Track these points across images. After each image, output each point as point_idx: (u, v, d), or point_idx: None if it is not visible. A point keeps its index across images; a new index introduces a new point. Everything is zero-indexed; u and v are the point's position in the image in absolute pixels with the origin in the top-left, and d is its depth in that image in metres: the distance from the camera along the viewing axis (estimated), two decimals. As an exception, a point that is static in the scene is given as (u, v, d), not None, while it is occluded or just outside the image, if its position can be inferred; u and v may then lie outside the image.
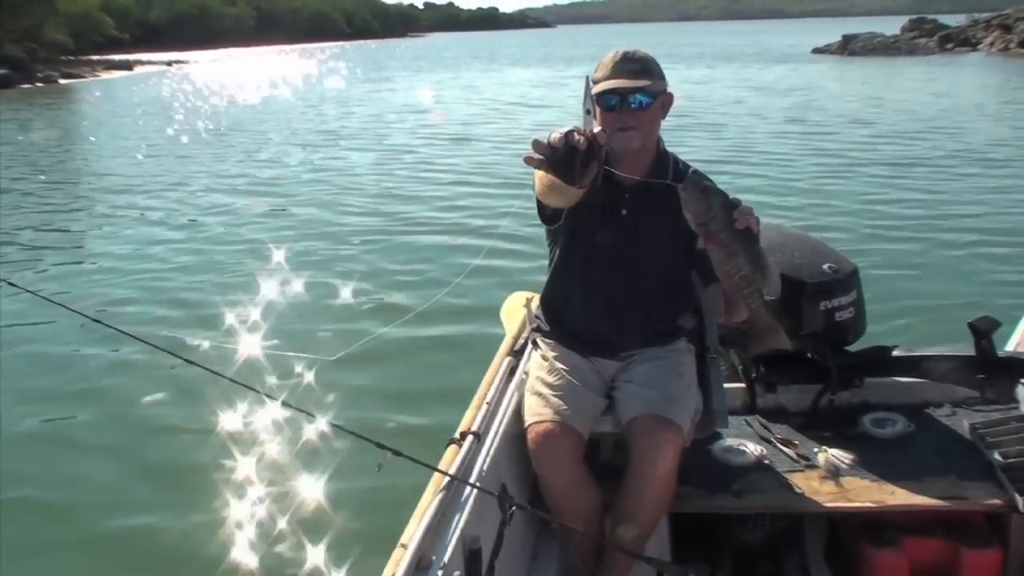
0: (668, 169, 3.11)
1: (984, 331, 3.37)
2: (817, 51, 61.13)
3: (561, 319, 3.30)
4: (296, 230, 12.93)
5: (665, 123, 3.07)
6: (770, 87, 35.77)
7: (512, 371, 3.49)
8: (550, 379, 3.14)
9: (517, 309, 3.96)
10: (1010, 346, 3.81)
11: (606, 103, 2.97)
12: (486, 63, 69.73)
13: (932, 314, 7.78)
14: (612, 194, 3.06)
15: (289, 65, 75.60)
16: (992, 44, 55.40)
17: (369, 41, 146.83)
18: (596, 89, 2.99)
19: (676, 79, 36.34)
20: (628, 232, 3.08)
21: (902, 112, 24.94)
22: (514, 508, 2.69)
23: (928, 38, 60.46)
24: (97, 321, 2.27)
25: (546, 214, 3.06)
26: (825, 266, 3.54)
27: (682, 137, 19.78)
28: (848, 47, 58.28)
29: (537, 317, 3.44)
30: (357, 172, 18.62)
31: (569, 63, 60.47)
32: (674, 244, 3.09)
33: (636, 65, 3.00)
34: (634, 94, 2.95)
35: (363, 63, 76.53)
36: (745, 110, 27.36)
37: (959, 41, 58.65)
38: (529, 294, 3.74)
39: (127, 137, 26.36)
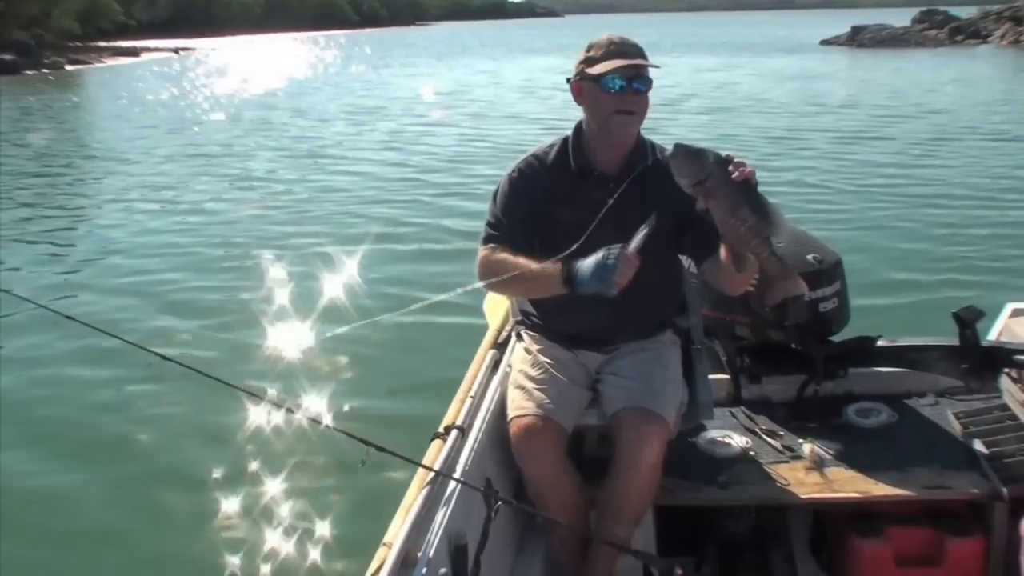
0: (647, 156, 3.08)
1: (968, 321, 3.37)
2: (825, 42, 60.84)
3: (544, 312, 3.25)
4: (323, 210, 13.30)
5: (670, 108, 3.04)
6: (773, 77, 35.73)
7: (496, 364, 3.46)
8: (532, 372, 3.12)
9: (500, 301, 3.91)
10: (993, 335, 3.81)
11: (610, 84, 2.89)
12: (503, 50, 69.74)
13: (916, 304, 7.82)
14: (596, 186, 3.03)
15: (302, 51, 75.87)
16: (1003, 36, 55.09)
17: (377, 30, 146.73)
18: (601, 68, 2.90)
19: (685, 69, 36.57)
20: (614, 224, 2.97)
21: (895, 104, 24.93)
22: (499, 503, 2.66)
23: (938, 30, 60.04)
24: (70, 318, 2.26)
25: None
26: (809, 256, 3.53)
27: (681, 121, 20.01)
28: (857, 39, 58.03)
29: (521, 310, 3.41)
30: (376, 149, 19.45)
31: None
32: (661, 232, 3.05)
33: (636, 48, 2.96)
34: (641, 76, 2.91)
35: (378, 50, 76.63)
36: (741, 99, 27.52)
37: (969, 33, 58.25)
38: None
39: (133, 122, 26.57)
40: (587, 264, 2.71)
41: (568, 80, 3.07)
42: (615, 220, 2.98)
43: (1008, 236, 10.38)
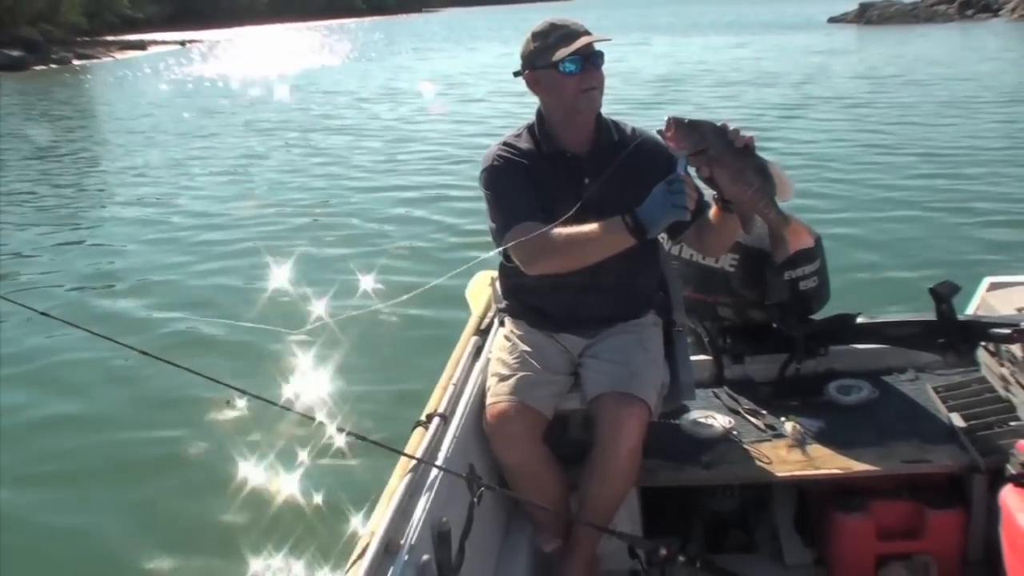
0: (611, 131, 3.12)
1: (944, 296, 3.39)
2: (833, 20, 60.10)
3: (526, 297, 3.26)
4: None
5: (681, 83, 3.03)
6: (775, 56, 35.28)
7: (478, 351, 3.48)
8: (509, 359, 3.13)
9: (482, 288, 3.95)
10: (971, 310, 3.83)
11: (569, 68, 2.92)
12: (514, 34, 69.44)
13: (895, 281, 7.79)
14: (570, 165, 3.06)
15: (314, 40, 75.74)
16: (1014, 10, 54.10)
17: (384, 17, 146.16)
18: (557, 55, 2.92)
19: (694, 48, 36.38)
20: (592, 204, 2.97)
21: (885, 81, 24.63)
22: (483, 489, 2.65)
23: (948, 4, 58.85)
24: (44, 314, 2.27)
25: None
26: None
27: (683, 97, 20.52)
28: (865, 15, 57.18)
29: (504, 296, 3.42)
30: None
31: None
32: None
33: (581, 27, 2.99)
34: (593, 52, 2.95)
35: (390, 37, 76.75)
36: (737, 77, 27.56)
37: (979, 7, 57.03)
38: (494, 273, 3.65)
39: (140, 117, 26.58)
40: (649, 203, 2.67)
41: (517, 74, 3.10)
42: (594, 201, 3.00)
43: (988, 210, 10.37)
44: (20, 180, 16.63)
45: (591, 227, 2.77)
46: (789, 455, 3.25)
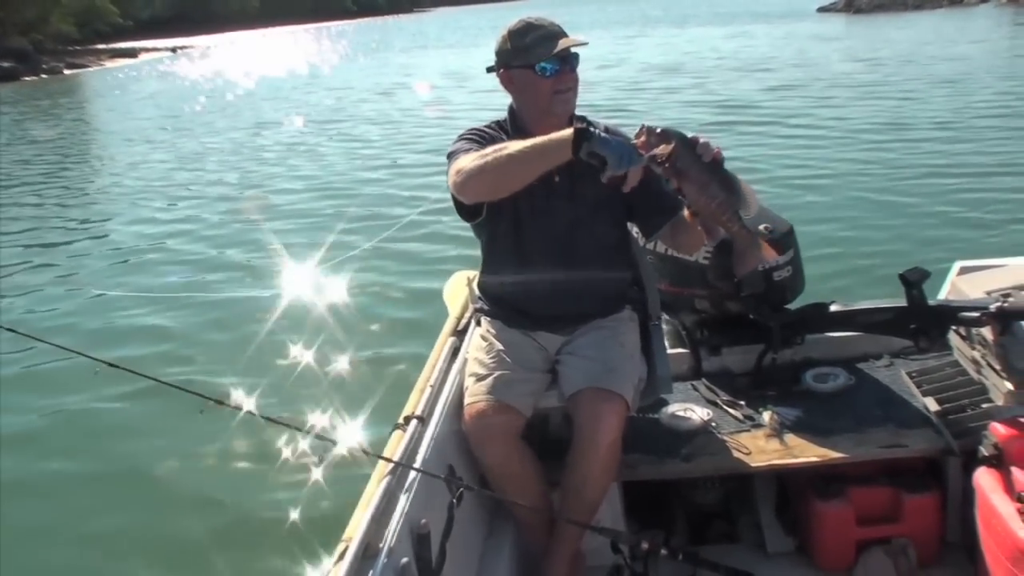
0: None
1: (914, 282, 3.42)
2: (822, 9, 59.80)
3: (501, 296, 3.28)
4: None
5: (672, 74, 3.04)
6: (760, 46, 34.94)
7: (455, 352, 3.48)
8: (486, 359, 3.13)
9: (459, 289, 3.95)
10: (943, 294, 3.86)
11: (546, 69, 2.93)
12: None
13: (868, 268, 7.79)
14: None
15: (308, 42, 76.16)
16: (1004, -5, 53.84)
17: (376, 18, 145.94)
18: (535, 55, 2.93)
19: (681, 40, 36.30)
20: (564, 198, 3.05)
21: (850, 68, 24.59)
22: (462, 489, 2.68)
23: (937, -10, 58.67)
24: (12, 330, 2.29)
25: (467, 209, 3.03)
26: (761, 227, 3.52)
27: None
28: (854, 4, 56.75)
29: (479, 296, 3.43)
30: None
31: (586, 30, 60.21)
32: (611, 204, 3.09)
33: (559, 29, 2.99)
34: (570, 55, 2.96)
35: (387, 37, 76.96)
36: (724, 65, 27.61)
37: (970, -8, 56.92)
38: (471, 273, 3.73)
39: (133, 122, 26.76)
40: (611, 138, 2.58)
41: (490, 70, 3.09)
42: (566, 194, 3.04)
43: (958, 194, 10.37)
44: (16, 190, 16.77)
45: (540, 139, 2.69)
46: (768, 445, 3.28)
